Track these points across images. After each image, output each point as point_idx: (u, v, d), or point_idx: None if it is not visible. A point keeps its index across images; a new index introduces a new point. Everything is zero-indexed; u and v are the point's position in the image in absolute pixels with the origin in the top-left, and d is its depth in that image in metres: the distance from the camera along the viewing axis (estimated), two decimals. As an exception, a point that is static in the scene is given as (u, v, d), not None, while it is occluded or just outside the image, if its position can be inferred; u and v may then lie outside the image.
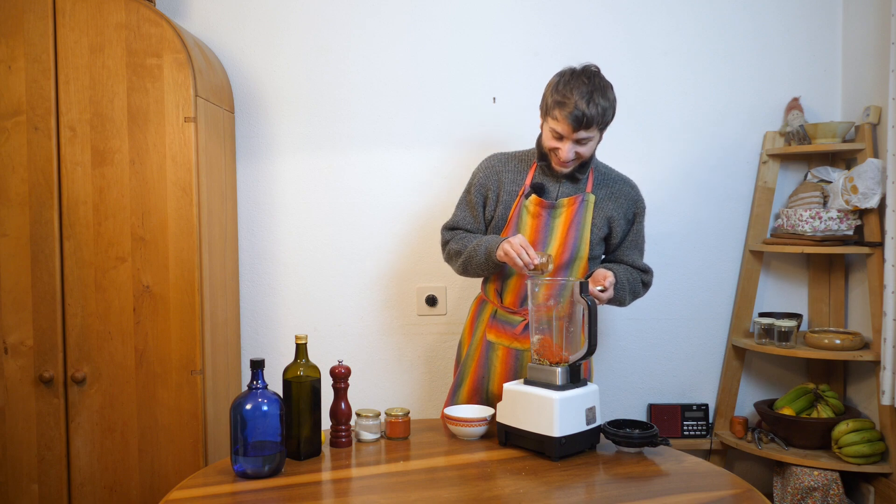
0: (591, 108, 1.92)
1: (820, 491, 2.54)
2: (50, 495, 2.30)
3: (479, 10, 2.82)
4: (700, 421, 2.86)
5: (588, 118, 1.93)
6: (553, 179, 2.11)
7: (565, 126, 1.96)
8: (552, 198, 2.10)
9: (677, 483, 1.63)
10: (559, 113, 1.95)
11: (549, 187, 2.10)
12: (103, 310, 2.29)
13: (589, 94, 1.94)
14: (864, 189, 2.56)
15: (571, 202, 2.08)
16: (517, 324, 2.12)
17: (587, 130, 1.96)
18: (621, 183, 2.16)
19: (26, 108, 2.26)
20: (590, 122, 1.94)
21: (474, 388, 2.17)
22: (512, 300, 2.14)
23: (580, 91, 1.94)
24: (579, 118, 1.92)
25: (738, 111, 2.88)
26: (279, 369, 2.10)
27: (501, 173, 2.15)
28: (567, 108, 1.93)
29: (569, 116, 1.93)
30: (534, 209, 2.08)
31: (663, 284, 2.90)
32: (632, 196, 2.16)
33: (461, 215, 2.21)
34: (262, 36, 2.79)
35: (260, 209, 2.83)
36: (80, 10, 2.25)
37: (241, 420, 1.65)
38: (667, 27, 2.85)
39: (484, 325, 2.19)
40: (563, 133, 1.97)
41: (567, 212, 2.08)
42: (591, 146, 2.02)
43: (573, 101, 1.93)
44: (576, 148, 2.00)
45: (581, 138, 1.97)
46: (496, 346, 2.15)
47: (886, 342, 2.46)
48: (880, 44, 2.66)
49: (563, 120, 1.95)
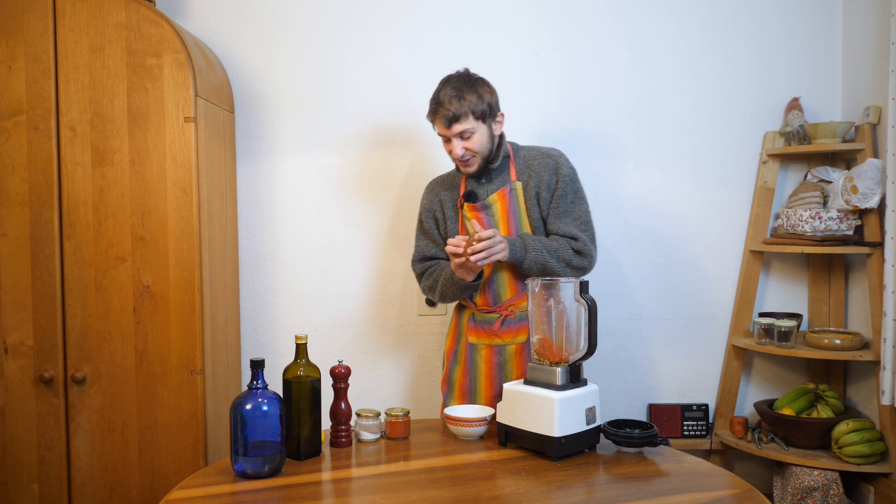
0: (456, 103, 2.06)
1: (820, 491, 2.54)
2: (50, 495, 2.30)
3: (479, 10, 2.82)
4: (700, 421, 2.86)
5: (455, 113, 2.06)
6: (481, 182, 2.21)
7: (442, 126, 2.10)
8: (483, 198, 2.20)
9: (677, 483, 1.63)
10: (433, 117, 2.11)
11: (478, 191, 2.21)
12: (103, 310, 2.29)
13: (455, 90, 2.08)
14: (864, 189, 2.56)
15: (501, 195, 2.17)
16: (494, 321, 2.20)
17: (462, 123, 2.07)
18: (540, 157, 2.20)
19: (26, 108, 2.26)
20: (458, 116, 2.07)
21: (464, 391, 2.23)
22: (484, 302, 2.21)
23: (446, 92, 2.09)
24: (448, 115, 2.07)
25: (738, 111, 2.88)
26: (279, 369, 2.10)
27: (440, 194, 2.29)
28: (439, 111, 2.08)
29: (441, 117, 2.08)
30: (471, 214, 2.18)
31: (663, 284, 2.90)
32: (550, 165, 2.18)
33: (422, 244, 2.33)
34: (262, 36, 2.80)
35: (260, 209, 2.83)
36: (80, 10, 2.25)
37: (241, 420, 1.65)
38: (667, 27, 2.85)
39: (465, 329, 2.26)
40: (443, 133, 2.11)
41: (500, 205, 2.17)
42: (477, 138, 2.11)
43: (442, 101, 2.08)
44: (463, 143, 2.10)
45: (461, 132, 2.09)
46: (479, 346, 2.22)
47: (886, 342, 2.46)
48: (880, 44, 2.66)
49: (439, 122, 2.10)
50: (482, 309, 2.22)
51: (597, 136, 2.87)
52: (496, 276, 2.18)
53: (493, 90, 2.15)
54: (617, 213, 2.88)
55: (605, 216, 2.88)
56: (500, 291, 2.19)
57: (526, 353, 2.18)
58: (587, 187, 2.86)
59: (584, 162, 2.87)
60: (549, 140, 2.86)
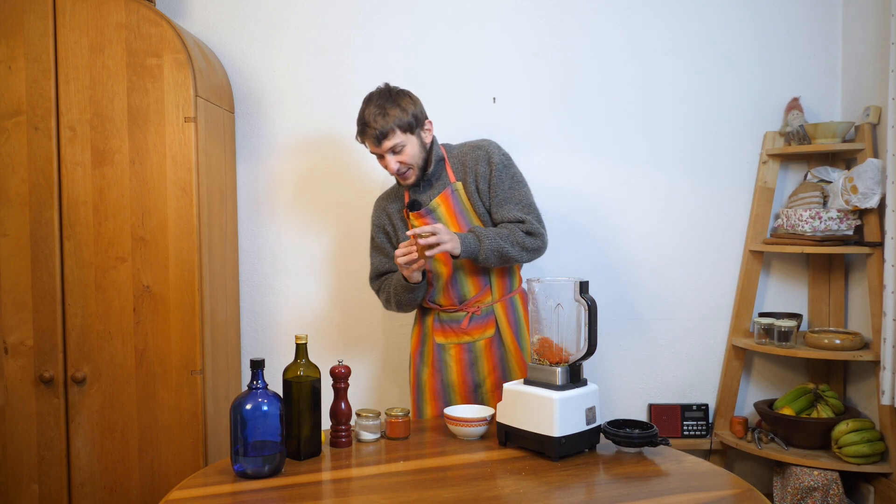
0: (381, 120, 2.07)
1: (820, 491, 2.54)
2: (50, 495, 2.30)
3: (479, 10, 2.82)
4: (700, 421, 2.86)
5: (382, 131, 2.07)
6: (422, 189, 2.23)
7: (372, 145, 2.12)
8: (426, 204, 2.21)
9: (677, 483, 1.63)
10: (363, 137, 2.13)
11: (421, 198, 2.22)
12: (103, 310, 2.29)
13: (378, 108, 2.08)
14: (863, 189, 2.56)
15: (443, 198, 2.19)
16: (462, 319, 2.21)
17: (390, 139, 2.08)
18: (472, 151, 2.21)
19: (26, 108, 2.26)
20: (385, 133, 2.07)
21: (436, 393, 2.25)
22: (448, 303, 2.23)
23: (370, 110, 2.09)
24: (376, 133, 2.08)
25: (738, 111, 2.88)
26: (279, 369, 2.10)
27: (387, 208, 2.31)
28: (366, 129, 2.10)
29: (370, 136, 2.10)
30: (418, 222, 2.20)
31: (663, 284, 2.90)
32: (482, 157, 2.18)
33: (376, 261, 2.35)
34: (262, 36, 2.80)
35: (260, 209, 2.83)
36: (80, 10, 2.25)
37: (241, 420, 1.65)
38: (667, 27, 2.85)
39: (430, 330, 2.27)
40: (375, 151, 2.13)
41: (444, 208, 2.19)
42: (409, 150, 2.12)
43: (368, 121, 2.09)
44: (397, 158, 2.12)
45: (392, 147, 2.10)
46: (447, 346, 2.24)
47: (886, 342, 2.45)
48: (880, 44, 2.66)
49: (369, 141, 2.12)
50: (448, 309, 2.23)
51: (597, 136, 2.87)
52: (458, 276, 2.19)
53: (415, 100, 2.14)
54: (617, 212, 2.88)
55: (604, 216, 2.88)
56: (464, 290, 2.20)
57: (496, 346, 2.21)
58: (587, 187, 2.88)
59: (584, 162, 2.87)
60: (548, 140, 2.86)
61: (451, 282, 2.20)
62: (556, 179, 2.87)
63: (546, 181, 2.85)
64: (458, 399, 2.23)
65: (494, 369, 2.22)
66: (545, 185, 2.86)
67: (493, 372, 2.22)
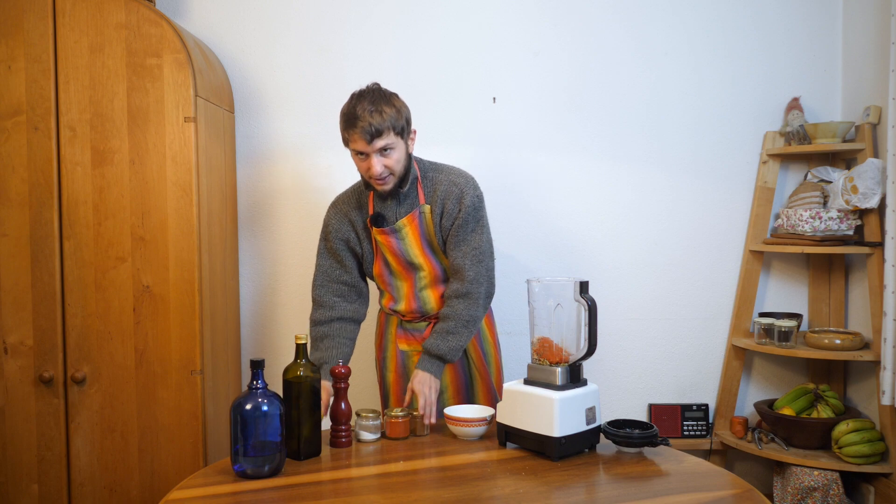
0: (377, 117, 1.96)
1: (820, 491, 2.54)
2: (50, 495, 2.30)
3: (479, 10, 2.82)
4: (700, 421, 2.86)
5: (378, 128, 1.95)
6: (391, 203, 2.12)
7: (361, 142, 1.97)
8: (392, 222, 2.12)
9: (677, 483, 1.63)
10: (351, 132, 1.98)
11: (387, 213, 2.12)
12: (103, 310, 2.29)
13: (373, 105, 1.97)
14: (864, 189, 2.56)
15: (410, 219, 2.10)
16: (424, 328, 2.21)
17: (383, 138, 1.97)
18: (448, 184, 2.12)
19: (26, 108, 2.26)
20: (381, 131, 1.96)
21: (399, 396, 2.24)
22: (412, 316, 2.21)
23: (363, 105, 1.97)
24: (368, 129, 1.95)
25: (738, 111, 2.88)
26: (279, 369, 2.10)
27: (349, 214, 2.18)
28: (356, 126, 1.96)
29: (361, 131, 1.96)
30: (381, 238, 2.12)
31: (663, 284, 2.90)
32: (455, 194, 2.11)
33: (325, 264, 2.21)
34: (262, 36, 2.80)
35: (260, 209, 2.83)
36: (80, 10, 2.25)
37: (241, 420, 1.65)
38: (667, 27, 2.85)
39: (393, 336, 2.26)
40: (363, 149, 1.98)
41: (410, 230, 2.10)
42: (396, 155, 2.01)
43: (361, 115, 1.96)
44: (382, 160, 2.00)
45: (381, 148, 1.98)
46: (411, 353, 2.23)
47: (886, 342, 2.45)
48: (880, 44, 2.66)
49: (358, 136, 1.97)
50: (410, 319, 2.22)
51: (597, 136, 2.87)
52: (422, 296, 2.17)
53: (406, 105, 2.06)
54: (617, 212, 2.88)
55: (604, 216, 2.88)
56: (427, 307, 2.19)
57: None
58: (587, 187, 2.88)
59: (584, 161, 2.87)
60: (548, 139, 2.86)
61: (413, 298, 2.18)
62: (556, 179, 2.87)
63: (546, 181, 2.85)
64: None
65: (457, 376, 2.22)
66: (545, 185, 2.86)
67: (455, 379, 2.22)
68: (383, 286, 2.22)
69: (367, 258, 2.19)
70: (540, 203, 2.83)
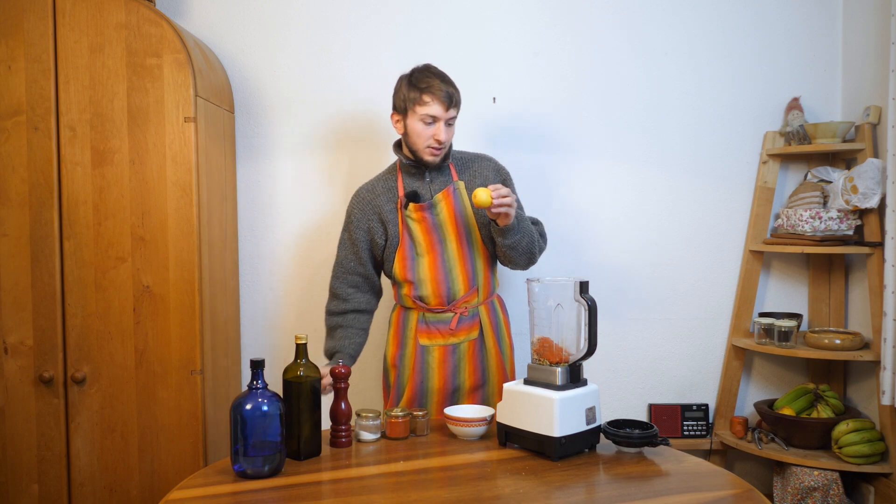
0: (452, 88, 2.12)
1: (820, 491, 2.54)
2: (50, 495, 2.30)
3: (479, 10, 2.82)
4: (700, 421, 2.86)
5: (454, 97, 2.12)
6: (421, 181, 2.21)
7: (439, 105, 2.09)
8: (427, 198, 2.19)
9: (677, 483, 1.63)
10: (429, 96, 2.09)
11: (420, 191, 2.20)
12: (103, 310, 2.29)
13: (446, 79, 2.14)
14: (864, 189, 2.56)
15: (445, 195, 2.17)
16: (450, 320, 2.20)
17: (454, 109, 2.13)
18: (479, 160, 2.28)
19: (26, 108, 2.26)
20: (456, 101, 2.12)
21: (414, 395, 2.22)
22: (438, 302, 2.20)
23: (438, 76, 2.13)
24: (449, 95, 2.10)
25: (738, 111, 2.88)
26: (279, 369, 2.10)
27: (374, 200, 2.22)
28: (436, 90, 2.09)
29: (441, 95, 2.09)
30: (416, 215, 2.17)
31: (663, 284, 2.90)
32: (494, 167, 2.27)
33: (344, 255, 2.27)
34: (262, 36, 2.79)
35: (260, 209, 2.83)
36: (80, 10, 2.25)
37: (241, 420, 1.65)
38: (667, 27, 2.85)
39: (413, 332, 2.22)
40: (438, 114, 2.09)
41: (445, 205, 2.17)
42: (454, 129, 2.17)
43: (438, 83, 2.10)
44: (446, 130, 2.12)
45: (450, 117, 2.12)
46: (431, 348, 2.20)
47: (886, 342, 2.45)
48: (880, 44, 2.66)
49: (436, 100, 2.09)
50: (435, 309, 2.20)
51: (596, 136, 2.87)
52: (450, 274, 2.18)
53: None
54: (617, 212, 2.88)
55: (604, 216, 2.88)
56: (454, 289, 2.19)
57: (478, 349, 2.21)
58: (587, 187, 2.88)
59: (584, 161, 2.87)
60: (548, 139, 2.86)
61: (442, 279, 2.18)
62: (556, 179, 2.87)
63: (546, 181, 2.85)
64: (434, 401, 2.20)
65: (475, 372, 2.21)
66: (545, 185, 2.86)
67: (473, 375, 2.21)
68: (404, 273, 2.19)
69: (392, 243, 2.20)
70: (540, 203, 2.83)
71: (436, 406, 2.20)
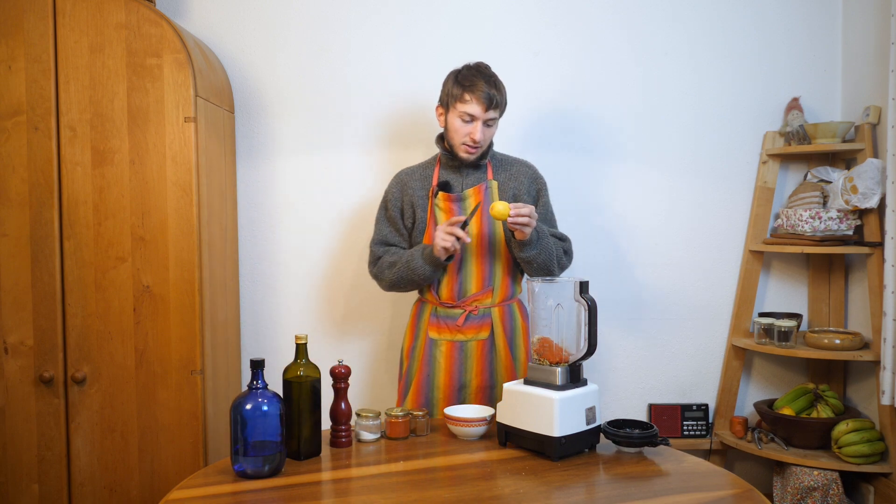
0: (495, 91, 2.16)
1: (820, 491, 2.54)
2: (50, 495, 2.30)
3: (480, 10, 2.82)
4: (700, 421, 2.86)
5: (496, 99, 2.15)
6: (457, 174, 2.26)
7: (478, 105, 2.14)
8: (458, 190, 2.24)
9: (677, 483, 1.63)
10: (471, 95, 2.14)
11: (453, 182, 2.25)
12: (103, 310, 2.29)
13: (492, 80, 2.17)
14: (863, 189, 2.56)
15: (476, 191, 2.21)
16: (458, 316, 2.21)
17: (494, 111, 2.16)
18: (518, 164, 2.31)
19: (26, 108, 2.26)
20: (497, 103, 2.16)
21: (420, 386, 2.23)
22: (449, 295, 2.23)
23: (484, 77, 2.16)
24: (490, 97, 2.14)
25: (738, 111, 2.88)
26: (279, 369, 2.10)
27: (409, 183, 2.29)
28: (478, 90, 2.13)
29: (481, 96, 2.13)
30: (444, 205, 2.22)
31: (663, 284, 2.90)
32: (530, 174, 2.30)
33: (385, 231, 2.32)
34: (262, 36, 2.80)
35: (260, 209, 2.83)
36: (80, 10, 2.25)
37: (241, 420, 1.65)
38: (667, 27, 2.85)
39: (426, 325, 2.26)
40: (476, 114, 2.14)
41: (474, 201, 2.21)
42: (493, 130, 2.21)
43: (481, 84, 2.14)
44: (484, 130, 2.16)
45: (489, 118, 2.16)
46: (439, 342, 2.23)
47: (886, 342, 2.46)
48: (880, 44, 2.66)
49: (476, 100, 2.14)
50: (446, 303, 2.22)
51: (596, 136, 2.87)
52: (465, 269, 2.20)
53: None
54: (617, 212, 2.88)
55: (604, 216, 2.88)
56: (466, 285, 2.21)
57: (487, 350, 2.21)
58: (587, 187, 2.88)
59: (584, 161, 2.87)
60: (548, 139, 2.86)
61: (456, 274, 2.20)
62: (556, 179, 2.86)
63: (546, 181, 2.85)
64: (440, 393, 2.21)
65: (482, 372, 2.21)
66: (545, 185, 2.86)
67: (480, 375, 2.21)
68: None
69: (419, 227, 2.25)
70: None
71: (442, 401, 2.21)
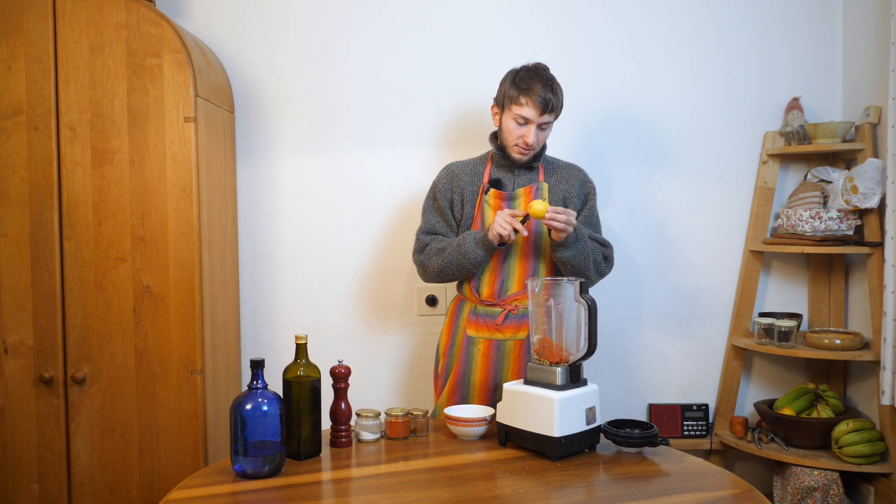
0: (551, 94, 2.14)
1: (820, 491, 2.54)
2: (50, 495, 2.30)
3: (480, 11, 2.82)
4: (700, 421, 2.86)
5: (552, 103, 2.14)
6: (508, 173, 2.26)
7: (533, 109, 2.13)
8: (509, 189, 2.24)
9: (677, 483, 1.63)
10: (526, 98, 2.13)
11: (505, 181, 2.25)
12: (103, 310, 2.29)
13: (549, 84, 2.16)
14: (864, 189, 2.56)
15: (527, 191, 2.22)
16: (497, 315, 2.21)
17: (549, 115, 2.15)
18: (569, 168, 2.32)
19: (26, 108, 2.26)
20: (552, 107, 2.15)
21: (456, 384, 2.23)
22: (489, 293, 2.22)
23: (541, 80, 2.15)
24: (546, 101, 2.12)
25: (738, 111, 2.88)
26: (279, 369, 2.10)
27: (460, 177, 2.30)
28: (534, 93, 2.12)
29: (537, 100, 2.12)
30: (494, 202, 2.22)
31: (663, 284, 2.90)
32: (581, 178, 2.30)
33: (433, 220, 2.31)
34: (262, 36, 2.80)
35: (260, 209, 2.83)
36: (80, 10, 2.25)
37: (241, 420, 1.65)
38: (667, 27, 2.85)
39: (464, 323, 2.26)
40: (530, 117, 2.14)
41: (524, 201, 2.21)
42: (547, 133, 2.21)
43: (538, 87, 2.13)
44: (538, 133, 2.16)
45: (544, 122, 2.15)
46: (477, 339, 2.23)
47: (886, 342, 2.45)
48: (880, 44, 2.66)
49: (531, 104, 2.13)
50: (486, 301, 2.22)
51: (596, 136, 2.87)
52: (507, 268, 2.20)
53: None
54: (616, 213, 2.88)
55: (604, 216, 2.88)
56: (507, 283, 2.21)
57: (524, 350, 2.19)
58: (587, 187, 2.88)
59: (584, 162, 2.87)
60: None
61: (498, 269, 2.20)
62: (556, 179, 2.86)
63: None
64: (475, 391, 2.21)
65: (518, 372, 2.20)
66: (545, 185, 2.86)
67: (515, 375, 2.20)
68: None
69: (465, 223, 2.26)
70: (540, 203, 2.83)
71: (476, 399, 2.21)
